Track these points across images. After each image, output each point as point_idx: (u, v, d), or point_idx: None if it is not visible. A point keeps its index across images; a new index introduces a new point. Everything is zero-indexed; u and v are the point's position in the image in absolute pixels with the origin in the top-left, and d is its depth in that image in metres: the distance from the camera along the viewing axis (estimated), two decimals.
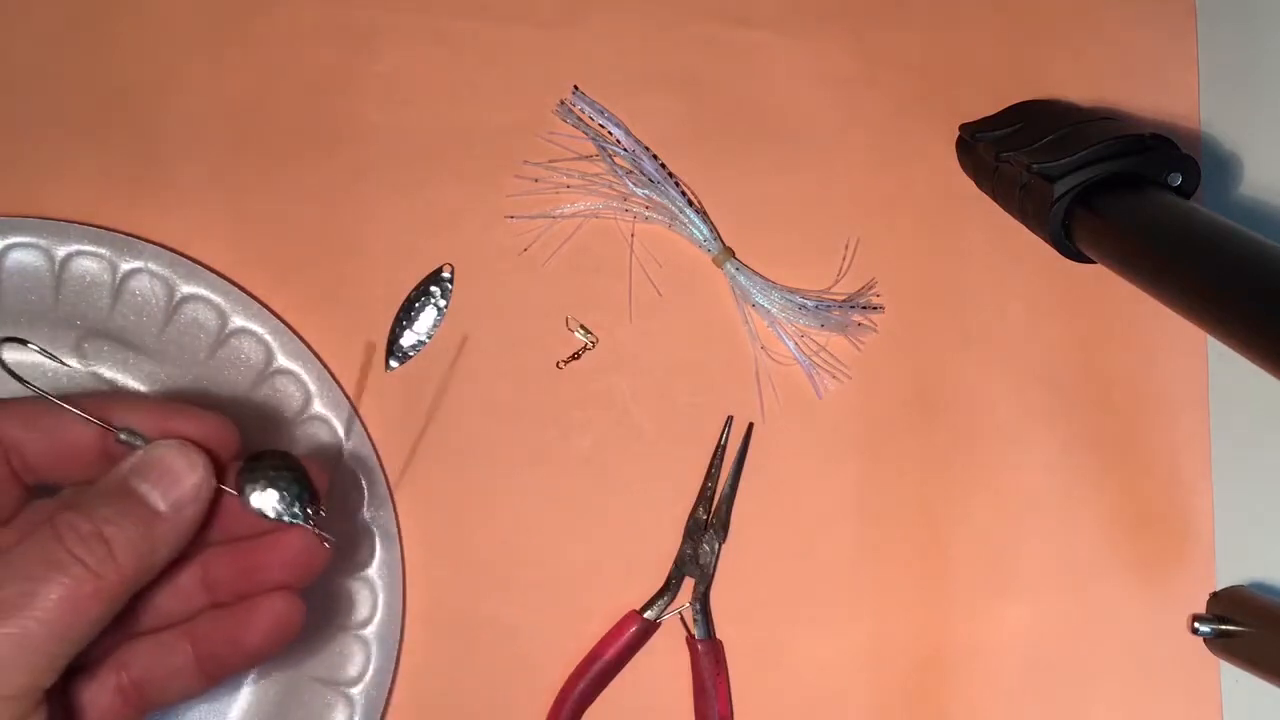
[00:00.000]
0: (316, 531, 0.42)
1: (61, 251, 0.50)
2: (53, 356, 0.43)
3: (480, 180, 0.53)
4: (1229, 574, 0.54)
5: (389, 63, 0.53)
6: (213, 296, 0.50)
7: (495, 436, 0.52)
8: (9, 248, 0.49)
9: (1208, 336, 0.53)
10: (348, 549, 0.50)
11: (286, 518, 0.41)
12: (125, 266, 0.50)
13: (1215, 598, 0.53)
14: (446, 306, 0.53)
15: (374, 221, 0.53)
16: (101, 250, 0.50)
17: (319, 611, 0.48)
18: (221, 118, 0.52)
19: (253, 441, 0.51)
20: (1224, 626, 0.52)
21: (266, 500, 0.41)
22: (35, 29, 0.52)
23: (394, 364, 0.52)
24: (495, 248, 0.53)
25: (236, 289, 0.51)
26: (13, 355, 0.41)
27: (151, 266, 0.50)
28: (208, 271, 0.51)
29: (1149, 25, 0.55)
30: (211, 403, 0.50)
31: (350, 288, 0.52)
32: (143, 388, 0.51)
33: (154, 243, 0.50)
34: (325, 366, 0.51)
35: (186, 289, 0.50)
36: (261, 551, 0.42)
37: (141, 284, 0.50)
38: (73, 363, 0.50)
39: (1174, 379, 0.54)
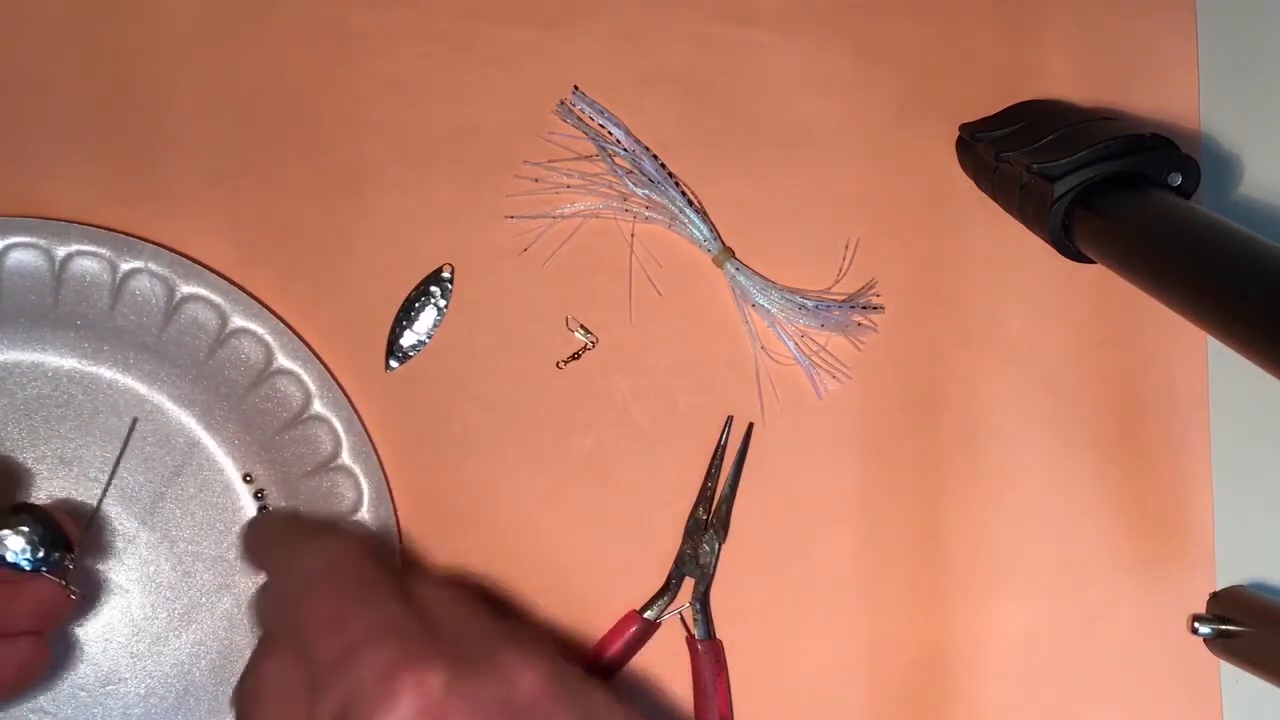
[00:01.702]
0: (63, 583, 0.44)
1: (61, 251, 0.50)
2: None
3: (480, 180, 0.53)
4: (1229, 574, 0.54)
5: (389, 63, 0.53)
6: (213, 296, 0.50)
7: (495, 436, 0.52)
8: (9, 248, 0.49)
9: (1208, 336, 0.53)
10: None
11: (35, 567, 0.44)
12: (125, 266, 0.50)
13: (1215, 598, 0.53)
14: (446, 306, 0.53)
15: (374, 221, 0.53)
16: (101, 250, 0.50)
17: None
18: (221, 118, 0.52)
19: (252, 440, 0.51)
20: (1224, 626, 0.52)
21: (16, 550, 0.43)
22: (35, 29, 0.52)
23: (394, 364, 0.52)
24: (495, 248, 0.53)
25: (236, 289, 0.51)
26: None
27: (151, 266, 0.50)
28: (208, 271, 0.51)
29: (1149, 25, 0.55)
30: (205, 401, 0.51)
31: (350, 288, 0.52)
32: (142, 388, 0.51)
33: (154, 243, 0.50)
34: (325, 366, 0.51)
35: (186, 289, 0.50)
36: (10, 598, 0.44)
37: (141, 284, 0.50)
38: (72, 363, 0.50)
39: (1174, 379, 0.54)
